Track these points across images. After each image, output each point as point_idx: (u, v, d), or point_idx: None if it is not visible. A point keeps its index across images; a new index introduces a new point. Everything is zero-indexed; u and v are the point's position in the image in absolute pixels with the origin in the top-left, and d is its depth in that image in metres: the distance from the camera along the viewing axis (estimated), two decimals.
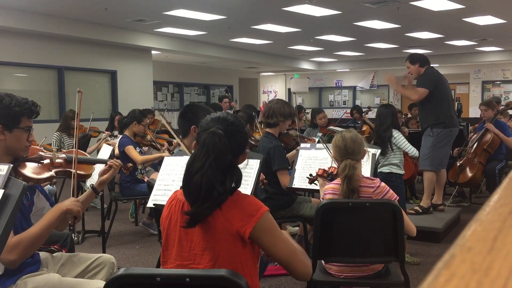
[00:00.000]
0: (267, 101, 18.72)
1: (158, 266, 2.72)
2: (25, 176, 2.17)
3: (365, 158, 2.82)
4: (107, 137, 6.22)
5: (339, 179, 2.65)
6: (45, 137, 4.22)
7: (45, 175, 2.28)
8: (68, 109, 7.26)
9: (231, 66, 16.36)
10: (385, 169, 4.45)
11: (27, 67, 9.44)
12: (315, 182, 3.11)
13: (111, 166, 2.53)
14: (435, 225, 4.77)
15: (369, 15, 9.04)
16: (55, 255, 2.41)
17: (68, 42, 9.72)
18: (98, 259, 2.41)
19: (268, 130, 3.83)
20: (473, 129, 6.65)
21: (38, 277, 2.12)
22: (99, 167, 2.70)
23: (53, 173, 2.34)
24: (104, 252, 4.26)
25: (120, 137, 5.21)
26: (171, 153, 4.85)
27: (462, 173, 5.77)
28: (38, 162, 2.28)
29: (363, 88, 18.81)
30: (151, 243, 4.91)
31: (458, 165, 5.82)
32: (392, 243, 2.51)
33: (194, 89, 15.98)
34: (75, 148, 2.46)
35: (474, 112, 14.76)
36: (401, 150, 4.49)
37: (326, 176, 2.89)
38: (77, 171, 2.42)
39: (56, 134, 6.29)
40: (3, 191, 1.64)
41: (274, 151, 3.62)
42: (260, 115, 8.40)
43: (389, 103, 10.88)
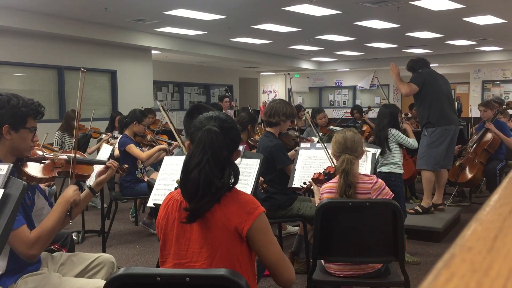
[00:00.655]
0: (267, 100, 18.75)
1: (158, 265, 2.72)
2: (28, 175, 2.19)
3: (363, 158, 2.86)
4: (107, 139, 6.22)
5: (337, 177, 2.67)
6: (47, 133, 4.20)
7: (47, 175, 2.30)
8: (68, 108, 7.25)
9: (231, 65, 16.36)
10: (385, 169, 4.44)
11: (27, 67, 9.43)
12: (311, 188, 3.12)
13: (109, 167, 2.55)
14: (435, 224, 4.77)
15: (369, 14, 9.04)
16: (55, 254, 2.42)
17: (68, 41, 9.72)
18: (98, 259, 2.42)
19: (268, 129, 3.84)
20: (474, 130, 6.65)
21: (38, 276, 2.13)
22: (97, 168, 2.71)
23: (55, 173, 2.36)
24: (104, 251, 4.26)
25: (120, 137, 5.21)
26: (170, 154, 4.85)
27: (462, 173, 5.77)
28: (40, 162, 2.30)
29: (363, 87, 18.81)
30: (151, 242, 4.91)
31: (458, 164, 5.82)
32: (392, 242, 2.52)
33: (194, 89, 15.98)
34: (74, 148, 2.47)
35: (474, 112, 14.74)
36: (400, 150, 4.49)
37: (322, 178, 2.90)
38: (77, 171, 2.44)
39: (57, 133, 6.30)
40: (3, 190, 1.65)
41: (275, 149, 3.64)
42: (259, 115, 8.42)
43: (389, 102, 10.87)
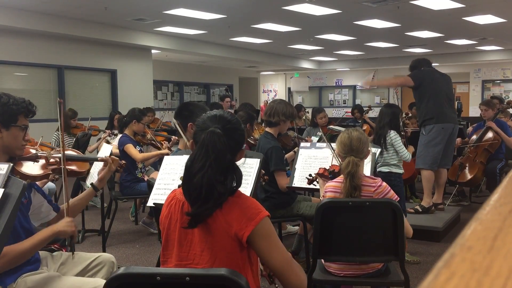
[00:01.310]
0: (268, 100, 18.76)
1: (158, 265, 2.72)
2: (22, 173, 2.19)
3: (368, 158, 2.84)
4: (107, 136, 6.22)
5: (341, 176, 2.66)
6: (41, 136, 4.18)
7: (41, 173, 2.30)
8: (67, 108, 7.25)
9: (231, 65, 16.36)
10: (385, 169, 4.44)
11: (27, 66, 9.43)
12: (315, 183, 3.11)
13: (105, 161, 2.55)
14: (435, 224, 4.77)
15: (369, 14, 9.04)
16: (54, 254, 2.42)
17: (68, 41, 9.71)
18: (98, 258, 2.42)
19: (268, 129, 3.83)
20: (471, 129, 6.62)
21: (38, 275, 2.13)
22: (98, 166, 2.71)
23: (49, 170, 2.36)
24: (104, 251, 4.26)
25: (119, 136, 5.21)
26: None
27: (462, 172, 5.77)
28: (34, 160, 2.30)
29: (363, 87, 18.81)
30: (151, 242, 4.91)
31: (458, 164, 5.82)
32: (392, 242, 2.52)
33: (194, 88, 15.98)
34: (61, 146, 2.45)
35: (474, 111, 14.76)
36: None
37: (327, 174, 2.89)
38: (71, 168, 2.45)
39: (56, 133, 6.31)
40: (3, 190, 1.65)
41: (271, 152, 3.62)
42: (260, 114, 8.42)
43: (389, 102, 10.87)
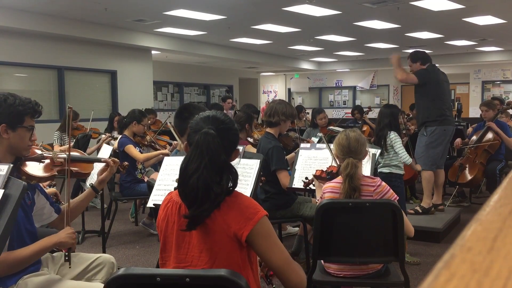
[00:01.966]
0: (269, 100, 18.76)
1: (158, 266, 2.72)
2: (28, 174, 2.19)
3: (366, 159, 2.83)
4: (107, 139, 6.21)
5: (340, 177, 2.66)
6: (42, 142, 4.14)
7: (47, 174, 2.30)
8: (68, 109, 7.25)
9: (231, 66, 16.36)
10: (385, 170, 4.44)
11: (27, 67, 9.44)
12: (310, 186, 3.11)
13: (107, 163, 2.54)
14: (435, 225, 4.77)
15: (369, 15, 9.04)
16: (55, 255, 2.41)
17: (68, 42, 9.72)
18: (98, 259, 2.41)
19: (268, 130, 3.83)
20: (471, 130, 6.63)
21: (39, 277, 2.13)
22: (98, 167, 2.71)
23: (55, 172, 2.36)
24: (104, 252, 4.26)
25: (119, 137, 5.21)
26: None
27: (462, 173, 5.76)
28: (39, 161, 2.30)
29: (363, 88, 18.82)
30: (151, 243, 4.91)
31: (458, 165, 5.82)
32: (392, 243, 2.51)
33: (194, 89, 15.98)
34: (68, 147, 2.46)
35: (474, 112, 14.77)
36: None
37: (324, 176, 2.89)
38: (76, 169, 2.44)
39: (56, 133, 6.33)
40: (3, 191, 1.65)
41: (272, 151, 3.62)
42: (260, 115, 8.42)
43: (389, 103, 10.85)
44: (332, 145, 2.96)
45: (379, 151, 4.08)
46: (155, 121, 7.46)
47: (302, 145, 3.75)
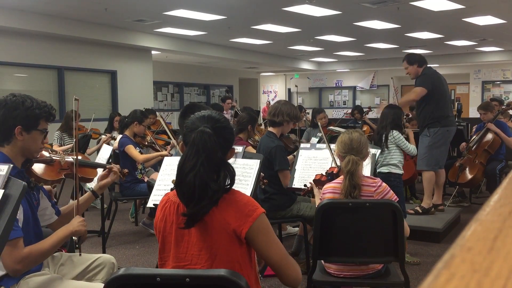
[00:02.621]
0: (269, 100, 18.76)
1: (157, 267, 2.73)
2: (37, 176, 2.21)
3: (367, 160, 2.84)
4: (107, 140, 6.21)
5: (340, 178, 2.66)
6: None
7: (55, 177, 2.33)
8: (68, 109, 7.26)
9: (231, 66, 16.37)
10: (384, 169, 4.44)
11: (27, 67, 9.44)
12: (311, 190, 3.11)
13: (112, 171, 2.55)
14: (435, 225, 4.77)
15: (369, 15, 9.04)
16: (55, 255, 2.41)
17: (68, 42, 9.72)
18: (98, 259, 2.42)
19: (271, 129, 3.84)
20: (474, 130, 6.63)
21: (40, 277, 2.13)
22: (100, 171, 2.72)
23: (61, 175, 2.39)
24: (104, 252, 4.26)
25: (119, 136, 5.21)
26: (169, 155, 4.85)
27: (462, 173, 5.76)
28: (48, 163, 2.32)
29: (363, 88, 18.82)
30: (151, 243, 4.91)
31: (458, 165, 5.82)
32: (392, 243, 2.51)
33: (194, 89, 15.99)
34: (75, 151, 2.48)
35: (474, 112, 14.75)
36: (401, 150, 4.48)
37: (325, 178, 2.89)
38: (81, 174, 2.46)
39: (56, 133, 6.32)
40: (3, 191, 1.65)
41: (276, 151, 3.63)
42: (260, 116, 8.43)
43: (390, 103, 10.86)
44: (333, 145, 2.97)
45: (379, 151, 4.08)
46: (155, 121, 7.45)
47: (302, 145, 3.76)
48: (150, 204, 2.68)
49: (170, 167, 2.75)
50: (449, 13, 8.74)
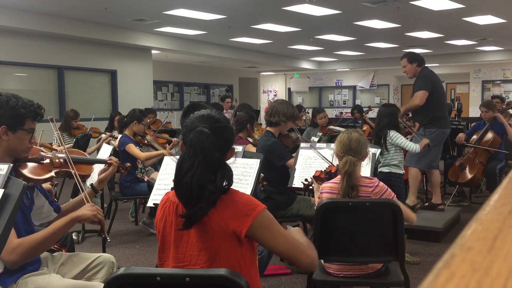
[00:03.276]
0: (271, 100, 18.75)
1: (157, 266, 2.73)
2: (25, 176, 2.18)
3: (366, 161, 2.83)
4: (107, 139, 6.21)
5: (338, 177, 2.66)
6: (42, 130, 4.05)
7: (45, 176, 2.29)
8: (68, 108, 7.26)
9: (231, 65, 16.36)
10: (385, 169, 4.44)
11: (27, 67, 9.44)
12: (311, 186, 3.11)
13: (111, 164, 2.54)
14: (435, 224, 4.77)
15: (369, 14, 9.04)
16: (55, 254, 2.41)
17: (68, 41, 9.72)
18: (98, 259, 2.41)
19: (269, 128, 3.84)
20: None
21: (39, 277, 2.12)
22: (98, 167, 2.71)
23: (53, 173, 2.34)
24: (104, 251, 4.24)
25: (119, 136, 5.21)
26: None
27: (462, 172, 5.76)
28: (38, 162, 2.29)
29: (363, 87, 18.82)
30: (151, 242, 4.91)
31: (458, 164, 5.82)
32: (392, 242, 2.52)
33: (194, 89, 15.99)
34: (62, 145, 2.45)
35: (474, 112, 14.76)
36: (401, 150, 4.47)
37: (323, 176, 2.89)
38: (76, 171, 2.43)
39: (56, 132, 6.30)
40: (3, 190, 1.64)
41: (272, 147, 3.63)
42: (260, 115, 8.42)
43: (388, 102, 10.84)
44: (332, 145, 2.96)
45: (379, 150, 4.08)
46: (155, 120, 7.45)
47: (302, 144, 3.76)
48: (150, 203, 2.68)
49: (170, 166, 2.75)
50: (449, 12, 8.74)
